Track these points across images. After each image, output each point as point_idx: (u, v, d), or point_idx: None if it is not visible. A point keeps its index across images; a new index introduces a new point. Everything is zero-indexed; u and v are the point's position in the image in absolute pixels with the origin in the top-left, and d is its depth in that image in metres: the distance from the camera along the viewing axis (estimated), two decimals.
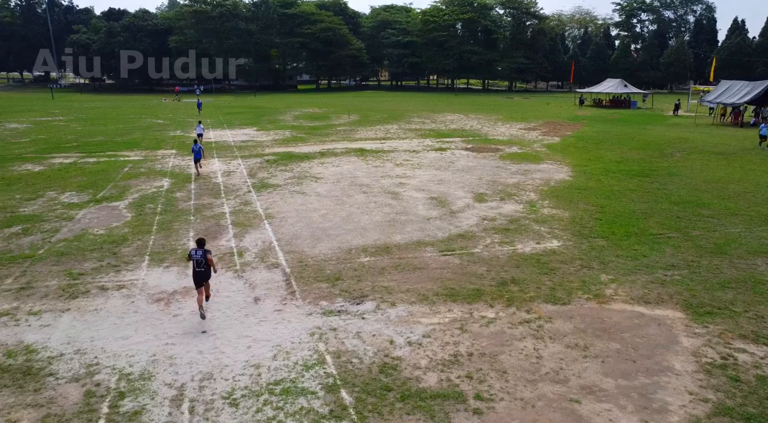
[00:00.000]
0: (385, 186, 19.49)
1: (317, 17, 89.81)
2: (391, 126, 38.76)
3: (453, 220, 15.22)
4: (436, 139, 32.14)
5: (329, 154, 26.31)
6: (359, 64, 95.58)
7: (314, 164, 23.80)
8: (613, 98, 57.74)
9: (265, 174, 21.70)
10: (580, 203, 17.04)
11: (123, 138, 32.16)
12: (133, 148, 28.44)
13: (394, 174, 21.63)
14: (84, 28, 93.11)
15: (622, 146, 29.09)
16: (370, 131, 35.72)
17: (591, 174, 21.61)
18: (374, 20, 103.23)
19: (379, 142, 30.88)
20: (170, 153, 26.86)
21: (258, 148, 28.43)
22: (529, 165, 23.75)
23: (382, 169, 22.59)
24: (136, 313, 9.52)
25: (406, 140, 31.54)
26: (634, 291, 10.39)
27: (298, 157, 25.66)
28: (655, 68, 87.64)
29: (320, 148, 28.20)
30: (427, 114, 48.38)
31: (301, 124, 40.28)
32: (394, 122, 41.27)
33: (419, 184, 19.74)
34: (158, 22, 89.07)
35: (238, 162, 24.44)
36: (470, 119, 44.21)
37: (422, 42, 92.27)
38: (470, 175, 21.39)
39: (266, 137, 32.89)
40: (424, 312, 9.65)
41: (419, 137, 32.87)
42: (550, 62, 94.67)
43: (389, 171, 22.27)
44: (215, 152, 27.36)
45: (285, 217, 15.55)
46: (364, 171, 22.29)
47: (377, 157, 25.67)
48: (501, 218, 15.45)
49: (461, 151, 27.42)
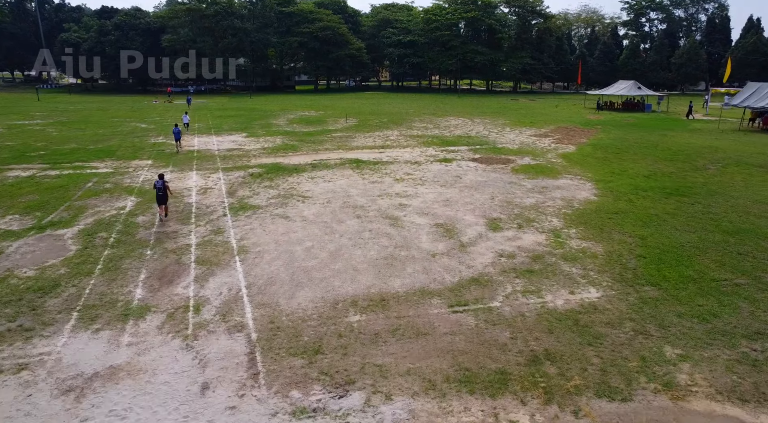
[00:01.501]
0: (382, 208, 16.88)
1: (316, 16, 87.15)
2: (391, 132, 36.15)
3: (464, 257, 12.60)
4: (440, 147, 29.52)
5: (321, 166, 23.70)
6: (359, 65, 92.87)
7: (303, 179, 21.19)
8: (625, 101, 55.04)
9: (246, 192, 19.09)
10: (613, 232, 14.40)
11: (98, 145, 29.58)
12: (105, 157, 25.84)
13: (393, 192, 19.02)
14: (75, 27, 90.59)
15: (646, 156, 26.44)
16: (369, 138, 33.10)
17: (619, 192, 18.97)
18: (375, 19, 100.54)
19: (377, 151, 28.27)
20: (145, 164, 24.26)
21: (244, 159, 25.82)
22: (546, 180, 21.11)
23: (380, 186, 19.97)
24: (28, 416, 6.89)
25: (407, 149, 28.92)
26: (717, 378, 7.74)
27: (286, 169, 23.05)
28: (666, 69, 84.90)
29: (312, 159, 25.59)
30: (430, 118, 45.76)
31: (295, 129, 37.69)
32: (394, 127, 38.66)
33: (422, 206, 17.11)
34: (151, 20, 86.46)
35: (219, 176, 21.83)
36: (476, 124, 41.58)
37: (424, 41, 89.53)
38: (481, 194, 18.76)
39: (255, 145, 30.29)
40: (430, 412, 7.04)
41: (422, 145, 30.25)
42: (556, 63, 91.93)
43: (388, 188, 19.66)
44: (195, 162, 24.77)
45: (262, 252, 12.95)
46: (359, 188, 19.67)
47: (375, 170, 23.05)
48: (521, 254, 12.83)
49: (469, 163, 24.79)
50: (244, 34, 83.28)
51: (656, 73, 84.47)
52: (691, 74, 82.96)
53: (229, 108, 56.72)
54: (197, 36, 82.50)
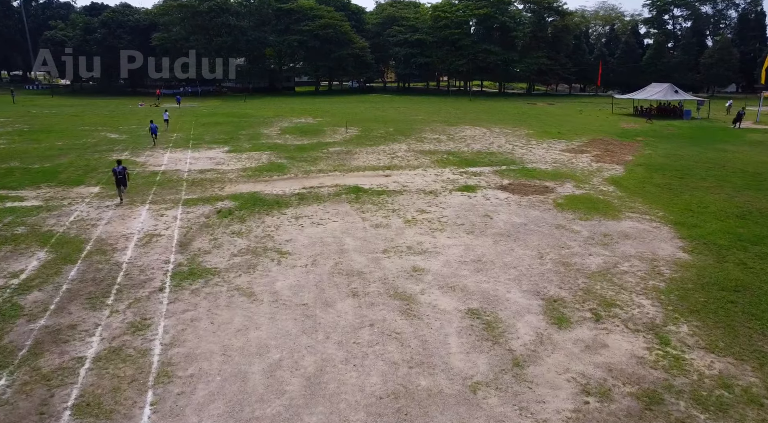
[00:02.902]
0: (389, 276, 11.99)
1: (316, 13, 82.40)
2: (398, 146, 31.25)
3: (525, 396, 7.68)
4: (458, 168, 24.60)
5: (311, 198, 18.82)
6: (363, 65, 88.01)
7: (285, 219, 16.31)
8: (659, 106, 49.92)
9: (204, 242, 14.22)
10: (755, 334, 9.42)
11: (44, 163, 24.82)
12: (43, 181, 21.04)
13: (404, 244, 14.12)
14: (62, 24, 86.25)
15: (719, 183, 21.40)
16: (372, 154, 28.21)
17: (718, 245, 13.95)
18: (379, 16, 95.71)
19: (382, 173, 23.38)
20: (89, 194, 19.43)
21: (216, 185, 20.97)
22: (605, 222, 16.14)
23: (385, 232, 15.07)
24: None
25: (418, 171, 24.01)
26: None
27: (265, 202, 18.18)
28: (694, 70, 79.62)
29: (301, 186, 20.71)
30: (442, 127, 40.82)
31: (286, 141, 32.84)
32: (402, 139, 33.76)
33: (446, 272, 12.20)
34: (140, 17, 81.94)
35: (176, 213, 16.98)
36: (495, 135, 36.62)
37: (432, 40, 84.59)
38: (523, 248, 13.83)
39: (235, 164, 25.45)
40: None
41: (436, 165, 25.33)
42: (573, 63, 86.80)
43: (397, 236, 14.75)
44: (154, 191, 19.94)
45: (195, 379, 8.09)
46: (358, 235, 14.79)
47: (379, 204, 18.15)
48: (619, 388, 7.89)
49: (497, 193, 19.86)
50: (239, 33, 78.70)
51: (683, 73, 79.20)
52: (722, 75, 77.66)
53: (219, 113, 52.01)
54: (190, 34, 77.95)
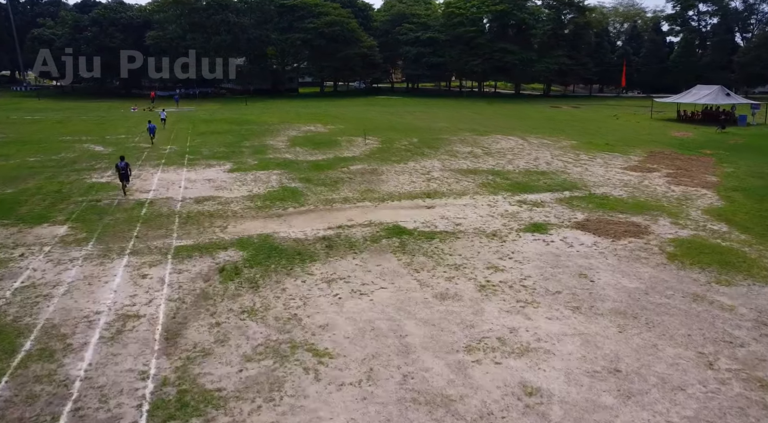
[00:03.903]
0: (493, 409, 7.65)
1: (322, 9, 78.01)
2: (429, 162, 26.94)
3: None
4: (512, 195, 20.28)
5: (342, 245, 14.50)
6: (371, 65, 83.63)
7: (314, 283, 11.98)
8: (705, 110, 45.57)
9: (202, 331, 9.89)
10: None
11: (5, 189, 20.46)
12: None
13: (491, 334, 9.80)
14: (51, 22, 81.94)
15: None
16: (403, 175, 23.87)
17: None
18: (388, 13, 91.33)
19: (423, 203, 19.06)
20: (52, 236, 15.08)
21: (217, 223, 16.64)
22: (758, 288, 11.81)
23: (458, 310, 10.74)
24: None
25: (466, 199, 19.69)
26: None
27: (283, 253, 13.87)
28: (726, 69, 75.26)
29: (326, 225, 16.38)
30: (472, 137, 36.48)
31: (297, 156, 28.52)
32: (431, 153, 29.46)
33: (578, 400, 7.84)
34: (134, 15, 77.60)
35: (164, 272, 12.64)
36: (535, 147, 32.30)
37: (445, 39, 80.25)
38: (670, 343, 9.48)
39: (239, 189, 21.12)
40: None
41: (485, 191, 21.01)
42: (595, 62, 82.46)
43: (476, 317, 10.43)
44: (136, 232, 15.62)
45: None
46: (421, 316, 10.47)
47: (434, 255, 13.81)
48: None
49: (577, 235, 15.52)
50: (239, 31, 74.42)
51: (715, 73, 74.74)
52: (758, 74, 73.27)
53: (218, 119, 47.69)
54: (187, 32, 73.66)
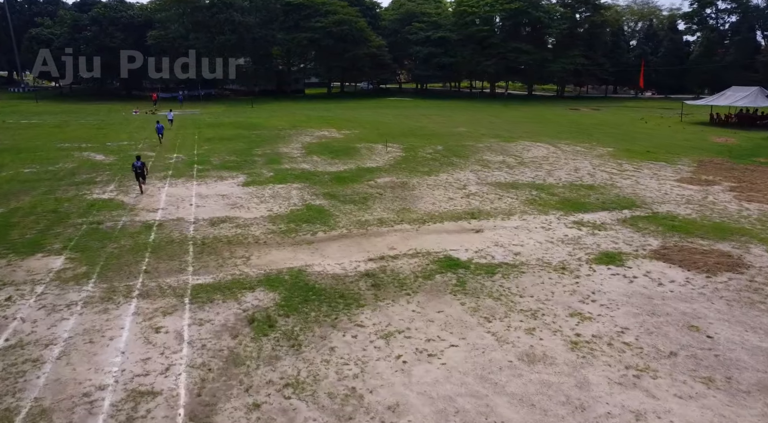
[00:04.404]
0: None
1: (329, 8, 75.88)
2: (462, 174, 24.74)
3: None
4: (565, 215, 18.08)
5: (390, 284, 12.29)
6: (379, 65, 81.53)
7: (368, 340, 9.76)
8: (740, 113, 43.37)
9: (239, 418, 7.69)
10: None
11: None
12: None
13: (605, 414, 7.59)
14: (49, 21, 79.89)
15: None
16: (437, 190, 21.66)
17: None
18: (396, 12, 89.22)
19: (469, 227, 16.86)
20: (46, 270, 12.89)
21: (238, 251, 14.45)
22: None
23: (557, 383, 8.52)
24: None
25: (515, 219, 17.49)
26: None
27: (322, 294, 11.67)
28: (749, 68, 72.97)
29: (364, 255, 14.17)
30: (497, 143, 34.30)
31: (316, 167, 26.33)
32: (461, 163, 27.27)
33: None
34: (135, 14, 75.51)
35: (182, 325, 10.42)
36: (570, 155, 30.11)
37: (457, 38, 78.08)
38: None
39: (257, 206, 18.93)
40: None
41: (533, 209, 18.81)
42: (611, 63, 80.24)
43: (582, 392, 8.21)
44: (145, 267, 13.43)
45: None
46: (513, 390, 8.25)
47: (501, 297, 11.61)
48: None
49: (662, 268, 13.30)
50: (244, 30, 72.25)
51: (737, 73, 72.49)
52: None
53: (225, 123, 45.55)
54: (189, 32, 71.58)
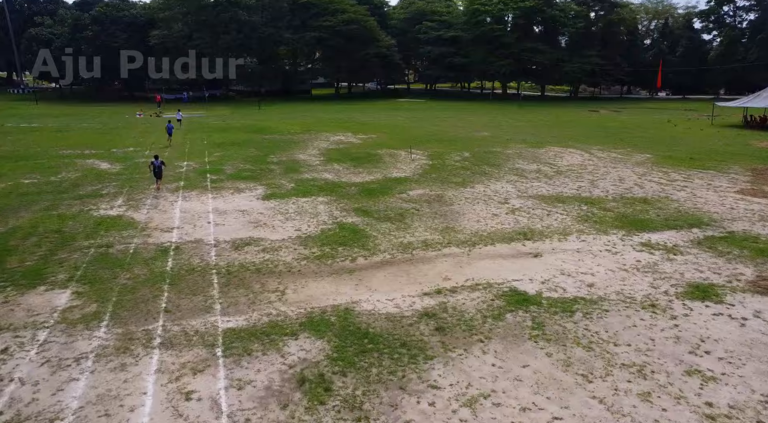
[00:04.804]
0: None
1: (338, 6, 74.11)
2: (499, 185, 22.87)
3: None
4: (627, 235, 16.17)
5: (456, 327, 10.37)
6: (389, 66, 79.73)
7: (452, 412, 7.78)
8: None
9: None
10: None
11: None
12: None
13: None
14: (49, 20, 78.24)
15: None
16: (477, 204, 19.79)
17: None
18: (405, 11, 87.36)
19: (525, 250, 14.97)
20: (49, 309, 10.99)
21: (270, 285, 12.55)
22: None
23: None
24: None
25: (572, 240, 15.59)
26: None
27: (383, 345, 9.74)
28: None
29: (417, 288, 12.27)
30: (525, 148, 32.45)
31: (339, 176, 24.47)
32: (494, 173, 25.41)
33: None
34: (137, 13, 73.80)
35: (216, 386, 8.49)
36: (609, 163, 28.24)
37: (469, 38, 76.23)
38: None
39: (282, 225, 17.05)
40: None
41: (590, 228, 16.92)
42: (628, 62, 78.33)
43: None
44: (164, 298, 11.56)
45: None
46: None
47: (596, 349, 9.68)
48: None
49: None
50: (250, 29, 70.51)
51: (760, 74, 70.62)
52: None
53: (233, 127, 43.79)
54: (193, 31, 69.88)
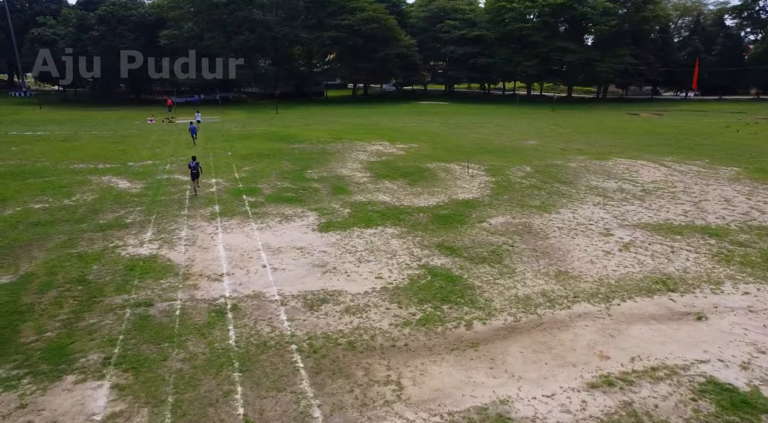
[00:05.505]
0: None
1: (356, 4, 70.97)
2: (589, 210, 19.64)
3: None
4: None
5: None
6: (409, 66, 76.57)
7: None
8: None
9: None
10: None
11: None
12: None
13: None
14: (52, 20, 75.30)
15: None
16: (576, 237, 16.56)
17: None
18: (425, 9, 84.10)
19: (677, 307, 11.78)
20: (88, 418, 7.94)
21: (377, 372, 9.34)
22: None
23: None
24: None
25: (728, 291, 12.37)
26: None
27: None
28: None
29: (581, 382, 9.05)
30: (587, 160, 29.25)
31: (400, 200, 21.26)
32: (570, 192, 22.18)
33: None
34: (146, 12, 70.85)
35: None
36: (700, 180, 24.99)
37: (494, 37, 73.02)
38: None
39: (359, 274, 13.88)
40: None
41: (740, 273, 13.69)
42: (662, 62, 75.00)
43: None
44: (239, 389, 8.39)
45: None
46: None
47: None
48: None
49: None
50: (264, 29, 67.43)
51: None
52: None
53: (255, 134, 40.67)
54: (204, 31, 66.82)
